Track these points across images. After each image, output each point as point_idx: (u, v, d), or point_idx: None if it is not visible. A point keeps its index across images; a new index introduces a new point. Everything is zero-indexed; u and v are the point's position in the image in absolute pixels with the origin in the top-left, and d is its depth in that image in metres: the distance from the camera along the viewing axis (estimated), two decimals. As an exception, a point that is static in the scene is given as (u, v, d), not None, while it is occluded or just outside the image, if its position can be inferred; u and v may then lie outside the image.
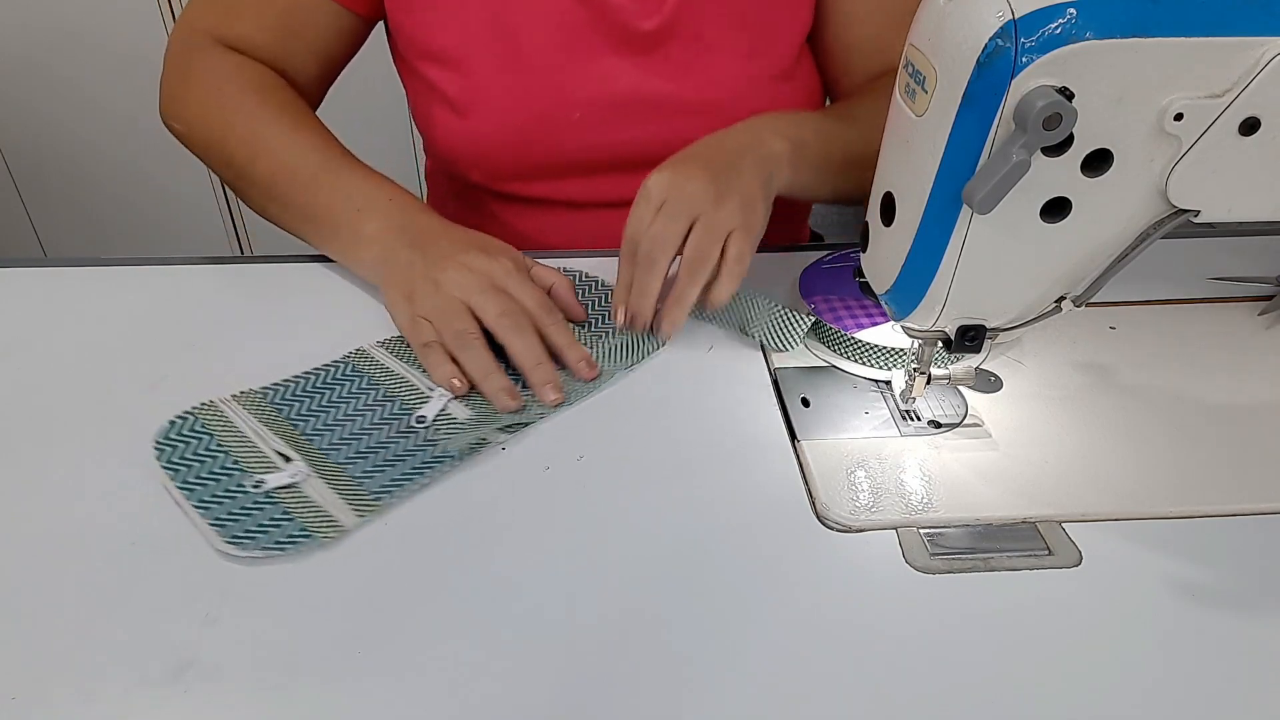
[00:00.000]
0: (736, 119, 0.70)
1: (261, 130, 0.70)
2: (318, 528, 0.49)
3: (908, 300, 0.49)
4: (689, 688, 0.42)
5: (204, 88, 0.72)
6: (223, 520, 0.49)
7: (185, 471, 0.52)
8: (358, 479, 0.52)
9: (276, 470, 0.52)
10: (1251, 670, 0.43)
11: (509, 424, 0.56)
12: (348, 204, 0.67)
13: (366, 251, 0.66)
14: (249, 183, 0.71)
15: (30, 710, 0.41)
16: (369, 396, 0.58)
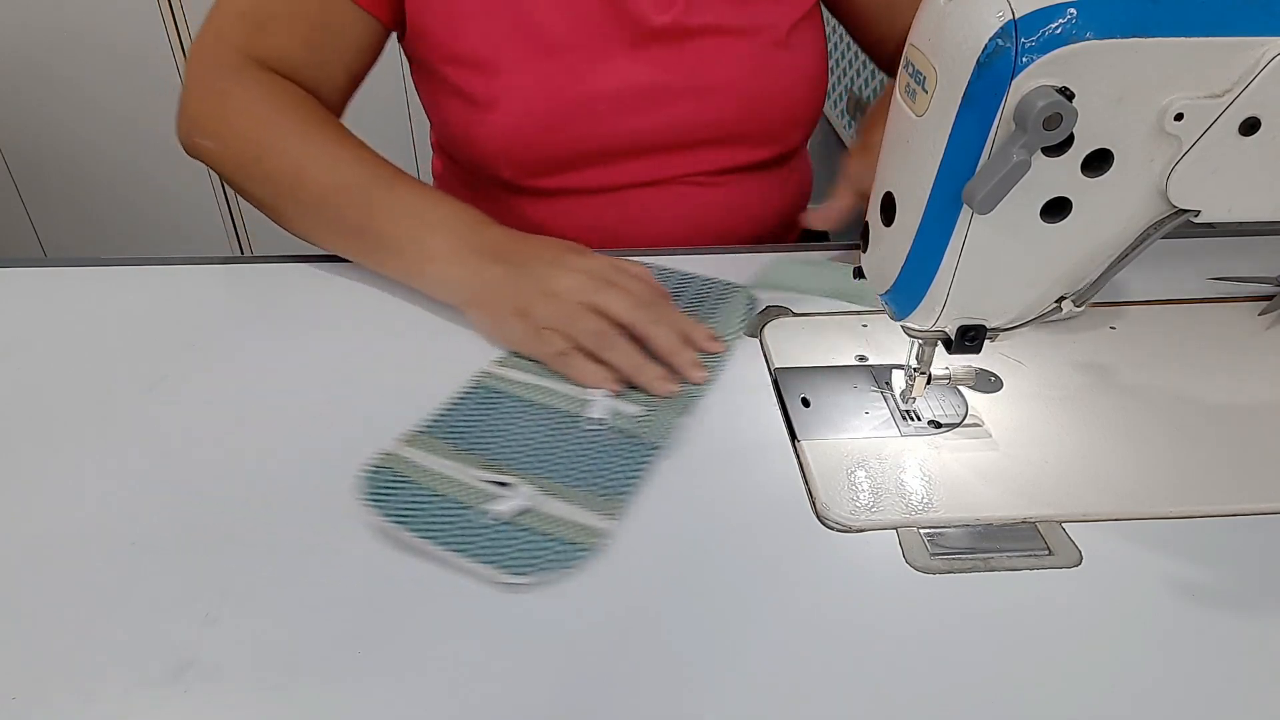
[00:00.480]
0: (748, 95, 0.77)
1: (306, 147, 0.68)
2: (583, 539, 0.48)
3: (908, 300, 0.49)
4: (689, 688, 0.42)
5: (241, 104, 0.70)
6: (485, 555, 0.47)
7: (416, 519, 0.49)
8: (585, 487, 0.51)
9: (498, 498, 0.50)
10: (1251, 670, 0.43)
11: (683, 407, 0.57)
12: (410, 220, 0.65)
13: (440, 269, 0.64)
14: (292, 201, 0.69)
15: (30, 710, 0.41)
16: (530, 412, 0.57)
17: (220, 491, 0.52)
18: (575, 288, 0.61)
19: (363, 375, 0.61)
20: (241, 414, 0.58)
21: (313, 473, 0.53)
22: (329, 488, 0.52)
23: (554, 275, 0.62)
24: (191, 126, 0.72)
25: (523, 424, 0.56)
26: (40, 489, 0.52)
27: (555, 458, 0.54)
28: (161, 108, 1.78)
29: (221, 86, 0.71)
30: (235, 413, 0.58)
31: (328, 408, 0.58)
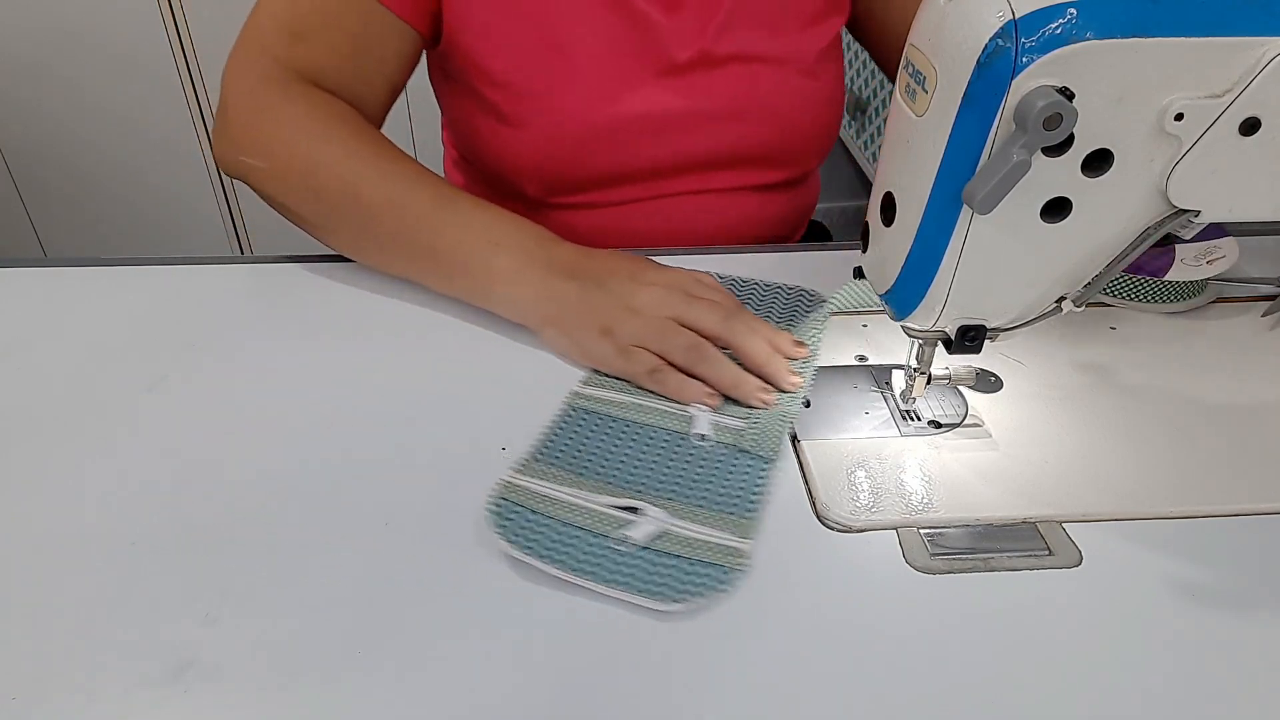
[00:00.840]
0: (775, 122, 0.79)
1: (359, 163, 0.66)
2: (727, 561, 0.47)
3: (908, 300, 0.49)
4: (689, 687, 0.42)
5: (288, 118, 0.68)
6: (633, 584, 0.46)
7: (553, 551, 0.47)
8: (713, 508, 0.50)
9: (630, 524, 0.49)
10: (1251, 670, 0.43)
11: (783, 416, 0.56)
12: (476, 238, 0.63)
13: (510, 289, 0.62)
14: (344, 218, 0.67)
15: (30, 710, 0.41)
16: (635, 431, 0.56)
17: (220, 491, 0.52)
18: (657, 302, 0.60)
19: (363, 375, 0.61)
20: (241, 414, 0.58)
21: (313, 473, 0.53)
22: (329, 488, 0.53)
23: (633, 291, 0.60)
24: (235, 144, 0.69)
25: (631, 445, 0.55)
26: (40, 489, 0.52)
27: (674, 478, 0.52)
28: (162, 108, 1.78)
29: (264, 101, 0.69)
30: (235, 413, 0.58)
31: (328, 407, 0.58)
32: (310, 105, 0.68)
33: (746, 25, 0.76)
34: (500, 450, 0.55)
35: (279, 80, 0.69)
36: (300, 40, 0.70)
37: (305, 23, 0.70)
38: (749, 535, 0.49)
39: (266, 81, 0.69)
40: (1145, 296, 0.67)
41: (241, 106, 0.69)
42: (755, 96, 0.78)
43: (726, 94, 0.77)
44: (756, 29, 0.76)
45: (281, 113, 0.68)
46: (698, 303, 0.60)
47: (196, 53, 1.74)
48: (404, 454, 0.55)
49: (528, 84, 0.74)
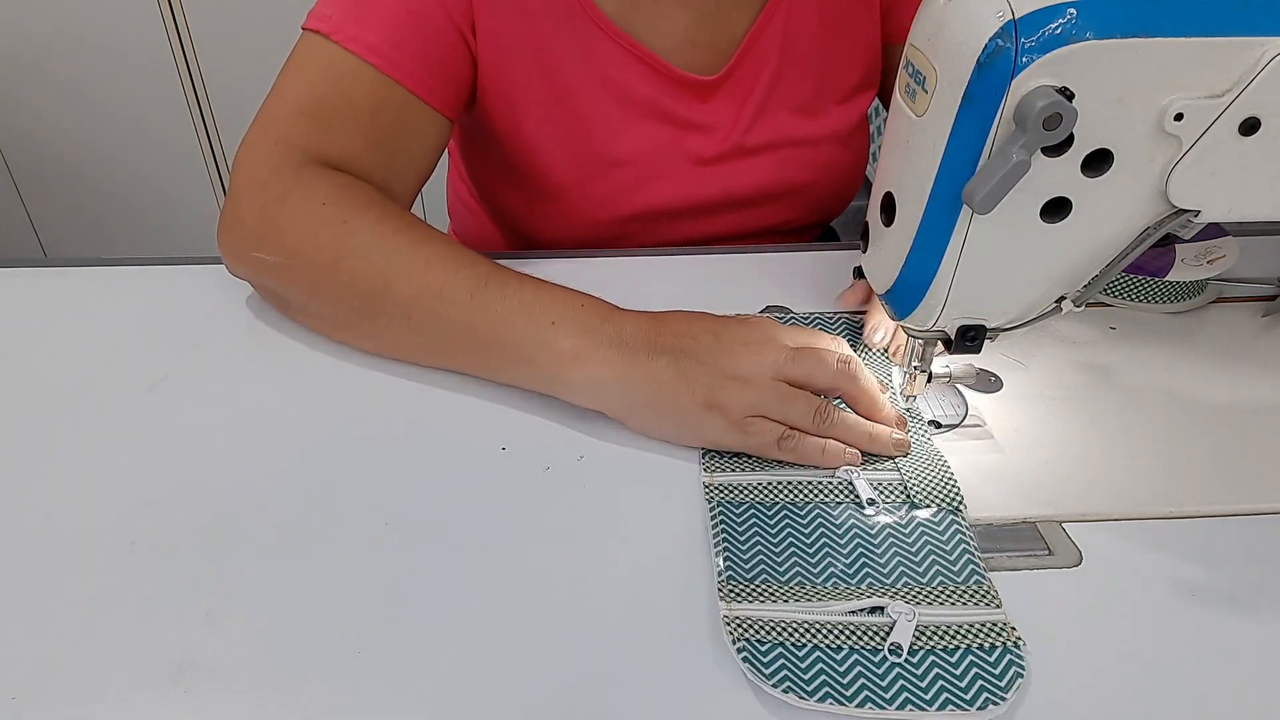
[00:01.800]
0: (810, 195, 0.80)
1: (389, 249, 0.59)
2: (1000, 639, 0.44)
3: (908, 300, 0.49)
4: (689, 687, 0.42)
5: (306, 206, 0.61)
6: (926, 698, 0.41)
7: (832, 686, 0.42)
8: (941, 581, 0.47)
9: (884, 627, 0.44)
10: (1251, 670, 0.43)
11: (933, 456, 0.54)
12: (527, 320, 0.56)
13: (585, 371, 0.55)
14: (378, 311, 0.59)
15: (30, 710, 0.41)
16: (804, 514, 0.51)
17: (220, 491, 0.52)
18: (760, 365, 0.53)
19: (363, 375, 0.61)
20: (241, 414, 0.58)
21: (313, 472, 0.53)
22: (329, 487, 0.53)
23: (727, 355, 0.54)
24: (245, 239, 0.62)
25: (819, 530, 0.50)
26: (40, 489, 0.52)
27: (883, 559, 0.48)
28: (162, 108, 1.78)
29: (279, 190, 0.61)
30: (235, 412, 0.58)
31: (328, 407, 0.58)
32: (330, 189, 0.62)
33: (782, 111, 0.77)
34: (500, 450, 0.55)
35: (294, 168, 0.62)
36: (326, 129, 0.64)
37: (331, 109, 0.64)
38: (997, 601, 0.45)
39: (282, 168, 0.62)
40: (1145, 296, 0.67)
41: (252, 198, 0.62)
42: (787, 179, 0.79)
43: (759, 180, 0.78)
44: (792, 114, 0.77)
45: (297, 200, 0.61)
46: (800, 356, 0.54)
47: (196, 53, 1.73)
48: (404, 454, 0.55)
49: (560, 172, 0.75)
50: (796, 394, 0.53)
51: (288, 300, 0.63)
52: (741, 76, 0.75)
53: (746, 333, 0.55)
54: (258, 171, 0.63)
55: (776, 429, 0.53)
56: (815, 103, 0.78)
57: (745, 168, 0.78)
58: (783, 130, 0.77)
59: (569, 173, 0.75)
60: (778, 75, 0.75)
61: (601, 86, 0.72)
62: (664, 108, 0.74)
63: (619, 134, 0.74)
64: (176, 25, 1.71)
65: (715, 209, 0.79)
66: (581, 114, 0.73)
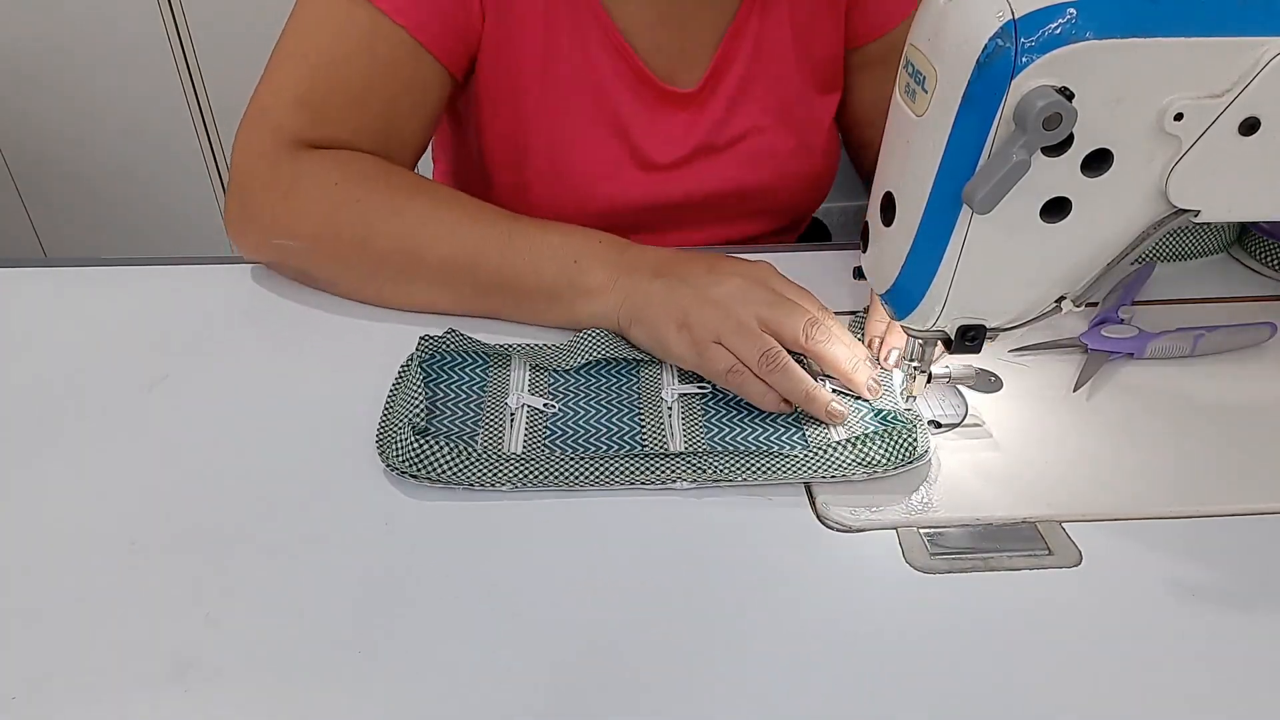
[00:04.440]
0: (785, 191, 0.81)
1: (412, 219, 0.63)
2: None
3: (908, 300, 0.49)
4: (689, 688, 0.42)
5: (321, 190, 0.63)
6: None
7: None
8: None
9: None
10: (1251, 670, 0.43)
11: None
12: (554, 264, 0.62)
13: (600, 302, 0.61)
14: (412, 276, 0.64)
15: (30, 710, 0.41)
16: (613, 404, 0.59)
17: (220, 491, 0.52)
18: (738, 295, 0.57)
19: (363, 375, 0.61)
20: (241, 414, 0.58)
21: (313, 472, 0.53)
22: (329, 487, 0.53)
23: (713, 282, 0.58)
24: (264, 230, 0.65)
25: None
26: (40, 489, 0.52)
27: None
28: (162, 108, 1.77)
29: (288, 180, 0.64)
30: (235, 412, 0.58)
31: (328, 407, 0.58)
32: (337, 168, 0.64)
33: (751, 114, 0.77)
34: (500, 450, 0.55)
35: (297, 155, 0.65)
36: (321, 119, 0.66)
37: (326, 99, 0.65)
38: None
39: (285, 158, 0.64)
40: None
41: (265, 188, 0.65)
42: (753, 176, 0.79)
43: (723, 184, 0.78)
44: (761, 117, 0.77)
45: (311, 185, 0.64)
46: (781, 303, 0.57)
47: (196, 53, 1.73)
48: (404, 454, 0.55)
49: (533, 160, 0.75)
50: (753, 333, 0.56)
51: (314, 277, 0.67)
52: (714, 82, 0.75)
53: (735, 266, 0.60)
54: (260, 163, 0.65)
55: (729, 359, 0.56)
56: (783, 106, 0.78)
57: (709, 171, 0.78)
58: (751, 133, 0.77)
59: (543, 163, 0.75)
60: (748, 79, 0.75)
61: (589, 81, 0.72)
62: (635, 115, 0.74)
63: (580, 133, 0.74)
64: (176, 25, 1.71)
65: (679, 212, 0.79)
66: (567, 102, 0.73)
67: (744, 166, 0.79)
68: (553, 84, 0.72)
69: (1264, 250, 0.72)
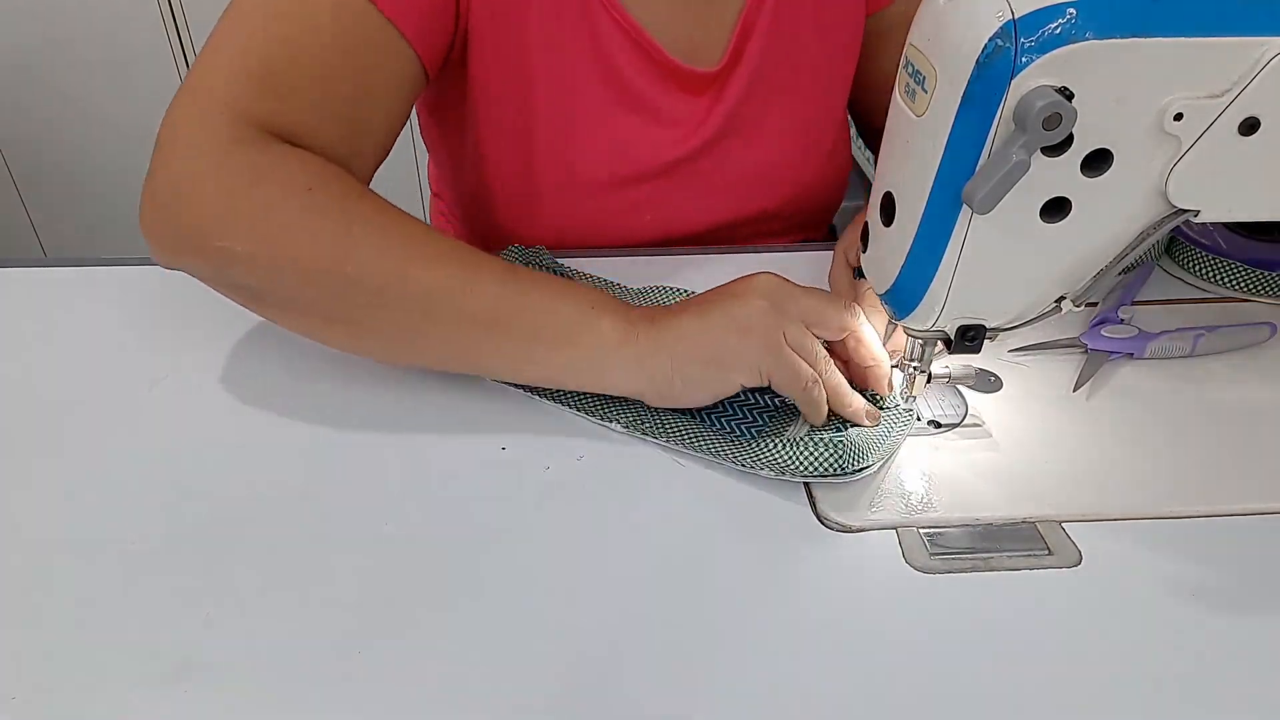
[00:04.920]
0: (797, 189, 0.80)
1: (397, 241, 0.54)
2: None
3: (908, 300, 0.49)
4: (689, 688, 0.42)
5: (292, 193, 0.54)
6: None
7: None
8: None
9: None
10: (1251, 670, 0.43)
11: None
12: (571, 305, 0.55)
13: (626, 352, 0.54)
14: (387, 306, 0.54)
15: (30, 710, 0.41)
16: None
17: (220, 492, 0.52)
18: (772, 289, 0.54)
19: (363, 375, 0.61)
20: (241, 414, 0.58)
21: (313, 473, 0.53)
22: (329, 487, 0.53)
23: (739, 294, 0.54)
24: (207, 226, 0.53)
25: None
26: (40, 489, 0.52)
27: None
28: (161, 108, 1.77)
29: (246, 171, 0.54)
30: (235, 413, 0.58)
31: (328, 407, 0.58)
32: (310, 173, 0.55)
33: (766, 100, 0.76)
34: (500, 450, 0.55)
35: (252, 140, 0.54)
36: (275, 94, 0.56)
37: (283, 74, 0.56)
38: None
39: (237, 142, 0.54)
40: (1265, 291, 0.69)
41: (209, 175, 0.54)
42: (766, 167, 0.78)
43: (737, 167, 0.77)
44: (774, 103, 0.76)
45: (274, 183, 0.54)
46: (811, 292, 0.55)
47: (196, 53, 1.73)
48: (404, 454, 0.55)
49: (540, 160, 0.73)
50: (813, 338, 0.54)
51: (262, 292, 0.55)
52: (733, 66, 0.74)
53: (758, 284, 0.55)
54: (202, 145, 0.54)
55: (811, 372, 0.53)
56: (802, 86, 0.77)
57: (724, 153, 0.76)
58: (767, 115, 0.76)
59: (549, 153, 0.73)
60: (766, 56, 0.74)
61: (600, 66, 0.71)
62: (653, 97, 0.73)
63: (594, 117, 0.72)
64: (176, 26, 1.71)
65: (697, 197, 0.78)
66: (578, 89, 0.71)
67: (769, 149, 0.77)
68: (560, 71, 0.70)
69: (1192, 260, 0.72)
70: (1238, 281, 0.70)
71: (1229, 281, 0.70)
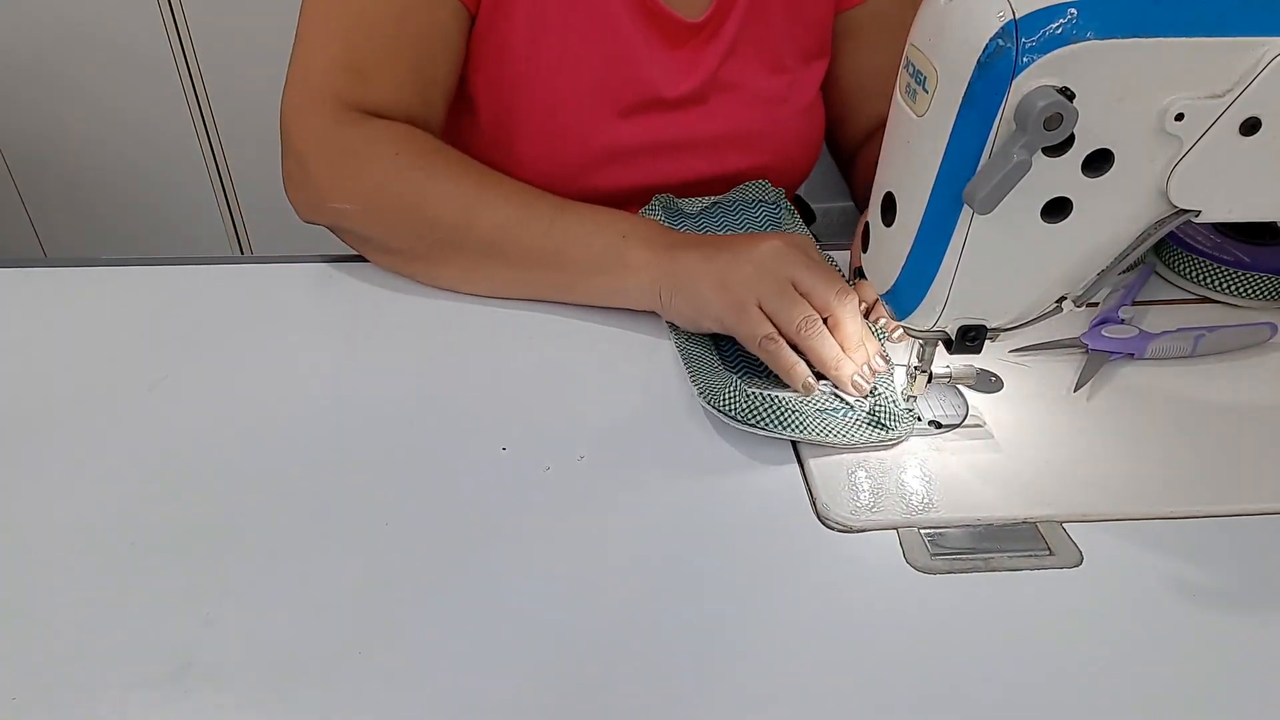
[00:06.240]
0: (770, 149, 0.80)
1: (468, 190, 0.66)
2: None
3: (908, 300, 0.49)
4: (689, 687, 0.42)
5: (376, 156, 0.67)
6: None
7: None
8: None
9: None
10: (1251, 670, 0.43)
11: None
12: (606, 236, 0.64)
13: (644, 276, 0.63)
14: (460, 244, 0.66)
15: (30, 710, 0.41)
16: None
17: (220, 491, 0.52)
18: (775, 256, 0.59)
19: (363, 375, 0.61)
20: (241, 414, 0.58)
21: (313, 473, 0.53)
22: (329, 487, 0.53)
23: (752, 246, 0.60)
24: (322, 192, 0.67)
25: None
26: (40, 489, 0.52)
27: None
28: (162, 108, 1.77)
29: (345, 145, 0.67)
30: (235, 412, 0.58)
31: (328, 407, 0.58)
32: (396, 140, 0.67)
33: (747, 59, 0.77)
34: (500, 450, 0.55)
35: (350, 120, 0.67)
36: (362, 79, 0.68)
37: (364, 59, 0.68)
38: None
39: (338, 124, 0.67)
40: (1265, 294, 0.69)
41: (321, 153, 0.67)
42: (746, 126, 0.79)
43: (719, 124, 0.78)
44: (756, 64, 0.77)
45: (369, 153, 0.67)
46: (814, 268, 0.59)
47: (196, 53, 1.73)
48: (404, 454, 0.55)
49: (523, 100, 0.74)
50: (795, 297, 0.58)
51: (368, 239, 0.69)
52: (720, 18, 0.75)
53: (783, 235, 0.62)
54: (312, 129, 0.67)
55: (766, 325, 0.58)
56: (778, 58, 0.78)
57: (706, 111, 0.77)
58: (747, 78, 0.77)
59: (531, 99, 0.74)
60: (746, 20, 0.75)
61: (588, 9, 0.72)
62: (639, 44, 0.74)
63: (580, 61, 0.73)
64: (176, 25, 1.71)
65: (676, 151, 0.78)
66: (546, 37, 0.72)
67: (749, 105, 0.78)
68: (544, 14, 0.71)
69: (1181, 263, 0.71)
70: (1222, 284, 0.69)
71: (1214, 284, 0.70)
